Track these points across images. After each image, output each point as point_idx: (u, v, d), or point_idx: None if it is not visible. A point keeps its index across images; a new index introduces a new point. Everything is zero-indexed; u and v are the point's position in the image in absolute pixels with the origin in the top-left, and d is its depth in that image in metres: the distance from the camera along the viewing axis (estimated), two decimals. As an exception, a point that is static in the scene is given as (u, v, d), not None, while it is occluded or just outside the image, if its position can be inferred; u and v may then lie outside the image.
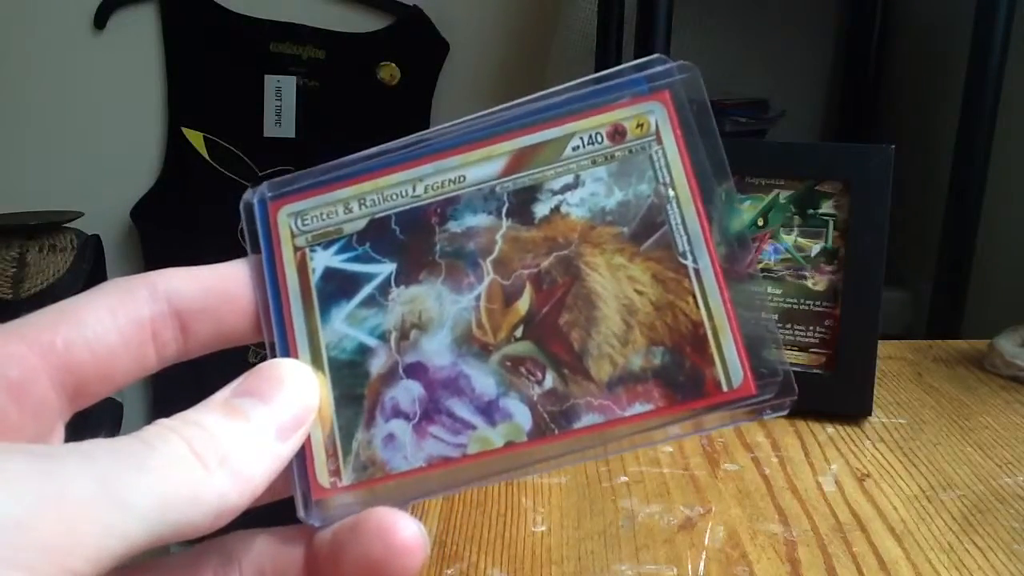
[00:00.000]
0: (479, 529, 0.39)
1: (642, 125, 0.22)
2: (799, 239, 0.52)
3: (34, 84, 1.46)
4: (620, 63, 0.22)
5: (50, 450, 0.16)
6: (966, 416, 0.52)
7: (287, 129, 1.47)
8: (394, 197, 0.23)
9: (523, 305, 0.22)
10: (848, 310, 0.51)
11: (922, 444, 0.48)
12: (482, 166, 0.23)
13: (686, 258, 0.21)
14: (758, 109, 1.32)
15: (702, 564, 0.37)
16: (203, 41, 1.46)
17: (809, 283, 0.52)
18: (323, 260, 0.23)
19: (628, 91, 0.22)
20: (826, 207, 0.52)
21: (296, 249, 0.23)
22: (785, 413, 0.20)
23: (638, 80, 0.22)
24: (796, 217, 0.52)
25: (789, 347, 0.52)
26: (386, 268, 0.23)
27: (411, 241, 0.23)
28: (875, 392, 0.51)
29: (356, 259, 0.23)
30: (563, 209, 0.22)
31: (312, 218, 0.23)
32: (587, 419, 0.21)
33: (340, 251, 0.23)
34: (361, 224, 0.23)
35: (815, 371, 0.52)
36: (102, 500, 0.15)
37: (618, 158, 0.22)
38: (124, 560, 0.16)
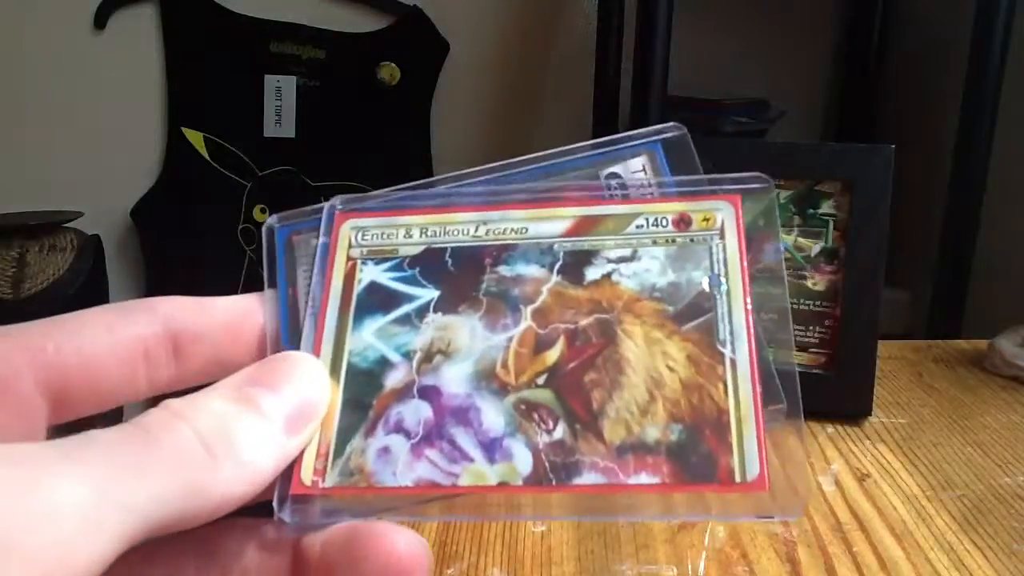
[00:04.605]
0: (479, 529, 0.39)
1: (708, 219, 0.23)
2: (799, 239, 0.52)
3: (34, 84, 1.46)
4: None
5: (34, 455, 0.15)
6: (966, 416, 0.52)
7: (287, 129, 1.47)
8: (455, 233, 0.24)
9: (552, 356, 0.22)
10: (848, 310, 0.51)
11: (922, 444, 0.48)
12: (546, 223, 0.24)
13: (725, 346, 0.21)
14: (758, 109, 1.32)
15: (702, 564, 0.37)
16: (203, 41, 1.46)
17: (809, 283, 0.52)
18: (371, 273, 0.24)
19: (704, 187, 0.23)
20: (826, 207, 0.52)
21: (349, 258, 0.24)
22: (794, 519, 0.20)
23: (716, 179, 0.23)
24: (796, 217, 0.52)
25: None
26: (429, 294, 0.23)
27: (460, 274, 0.23)
28: (875, 392, 0.51)
29: (403, 280, 0.23)
30: (614, 277, 0.23)
31: (373, 235, 0.24)
32: (588, 477, 0.21)
33: (390, 269, 0.24)
34: (417, 250, 0.24)
35: (815, 371, 0.52)
36: (99, 507, 0.14)
37: (679, 244, 0.23)
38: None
